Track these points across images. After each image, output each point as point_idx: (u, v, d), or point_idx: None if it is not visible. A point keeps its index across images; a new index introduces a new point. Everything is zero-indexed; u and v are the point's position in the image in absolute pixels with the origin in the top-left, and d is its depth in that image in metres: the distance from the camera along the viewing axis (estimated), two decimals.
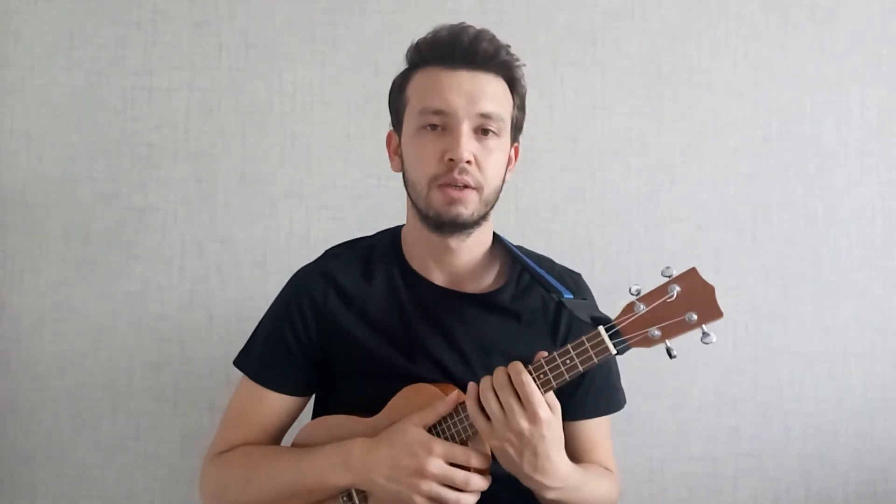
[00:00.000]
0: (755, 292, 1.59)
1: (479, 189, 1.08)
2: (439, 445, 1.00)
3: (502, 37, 1.14)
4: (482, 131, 1.08)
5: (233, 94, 1.61)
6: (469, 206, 1.08)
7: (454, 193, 1.07)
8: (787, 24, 1.61)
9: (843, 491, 1.58)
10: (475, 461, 1.01)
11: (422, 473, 0.99)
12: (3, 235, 1.59)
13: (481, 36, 1.09)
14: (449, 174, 1.06)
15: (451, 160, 1.06)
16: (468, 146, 1.06)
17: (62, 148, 1.60)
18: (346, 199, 1.61)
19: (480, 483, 1.01)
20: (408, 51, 1.14)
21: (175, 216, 1.60)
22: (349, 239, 1.26)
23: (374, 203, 1.59)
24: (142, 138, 1.60)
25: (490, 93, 1.09)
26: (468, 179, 1.07)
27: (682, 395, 1.58)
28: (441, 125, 1.08)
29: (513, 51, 1.13)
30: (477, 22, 1.14)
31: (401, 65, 1.15)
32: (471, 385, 1.01)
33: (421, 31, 1.12)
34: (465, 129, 1.07)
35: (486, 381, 1.00)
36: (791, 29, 1.61)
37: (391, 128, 1.18)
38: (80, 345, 1.59)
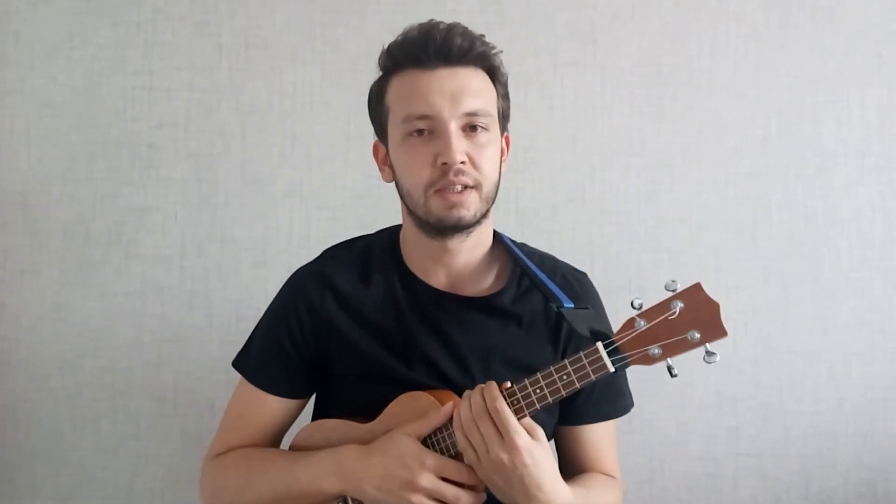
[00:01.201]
0: (755, 292, 1.59)
1: (477, 187, 1.05)
2: (432, 459, 0.99)
3: (503, 37, 1.14)
4: (471, 128, 1.05)
5: (233, 94, 1.61)
6: (471, 207, 1.05)
7: (453, 197, 1.04)
8: (787, 24, 1.61)
9: (843, 491, 1.58)
10: (467, 477, 0.99)
11: (412, 486, 0.97)
12: (3, 235, 1.59)
13: (453, 30, 1.05)
14: (444, 178, 1.03)
15: (444, 164, 1.03)
16: (459, 147, 1.03)
17: (62, 148, 1.60)
18: (346, 199, 1.60)
19: (471, 500, 0.99)
20: (380, 57, 1.11)
21: (175, 216, 1.60)
22: (347, 238, 1.24)
23: (374, 203, 1.58)
24: (142, 138, 1.60)
25: (472, 88, 1.05)
26: (466, 180, 1.04)
27: (682, 395, 1.58)
28: (428, 129, 1.04)
29: (488, 39, 1.09)
30: (477, 22, 1.14)
31: None
32: (455, 414, 0.99)
33: None
34: (454, 129, 1.03)
35: (466, 410, 0.97)
36: (791, 29, 1.61)
37: (375, 138, 1.16)
38: (80, 345, 1.59)
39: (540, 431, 0.98)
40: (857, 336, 1.59)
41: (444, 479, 0.99)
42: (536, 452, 0.95)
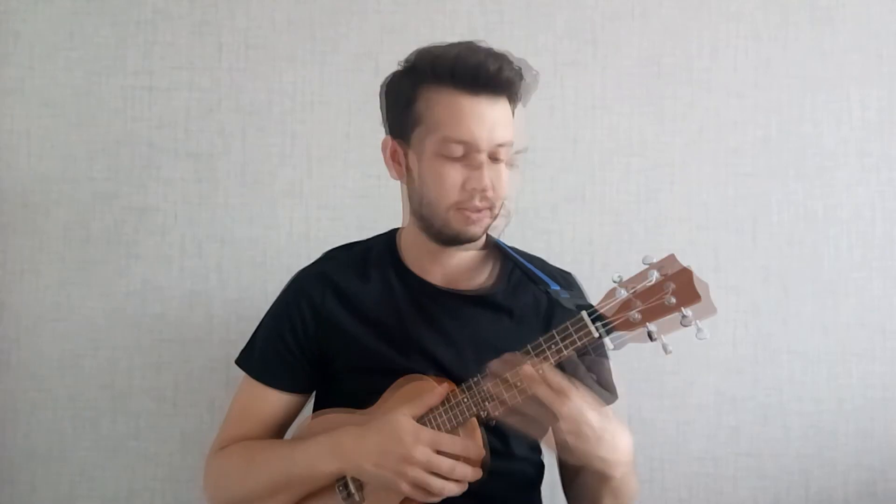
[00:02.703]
0: (755, 292, 1.59)
1: (492, 208, 1.12)
2: (426, 433, 1.01)
3: (503, 37, 1.14)
4: (496, 156, 1.10)
5: (233, 94, 1.61)
6: (483, 224, 1.13)
7: (473, 215, 1.10)
8: (787, 24, 1.61)
9: (843, 491, 1.58)
10: (461, 449, 1.02)
11: (408, 460, 1.00)
12: (3, 235, 1.59)
13: (504, 60, 1.09)
14: (470, 201, 1.09)
15: (473, 189, 1.09)
16: (489, 175, 1.09)
17: (62, 148, 1.60)
18: (346, 199, 1.61)
19: (467, 472, 1.01)
20: (416, 58, 1.11)
21: (175, 216, 1.60)
22: (348, 241, 1.28)
23: (374, 203, 1.59)
24: (142, 138, 1.60)
25: (504, 120, 1.11)
26: (487, 204, 1.11)
27: (682, 395, 1.58)
28: (464, 154, 1.09)
29: (517, 65, 1.13)
30: (477, 21, 1.14)
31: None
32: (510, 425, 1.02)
33: (421, 30, 1.12)
34: (485, 159, 1.09)
35: (533, 378, 0.97)
36: (791, 29, 1.61)
37: (386, 135, 1.17)
38: (79, 345, 1.59)
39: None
40: (857, 336, 1.59)
41: (440, 453, 1.01)
42: (584, 392, 0.98)
